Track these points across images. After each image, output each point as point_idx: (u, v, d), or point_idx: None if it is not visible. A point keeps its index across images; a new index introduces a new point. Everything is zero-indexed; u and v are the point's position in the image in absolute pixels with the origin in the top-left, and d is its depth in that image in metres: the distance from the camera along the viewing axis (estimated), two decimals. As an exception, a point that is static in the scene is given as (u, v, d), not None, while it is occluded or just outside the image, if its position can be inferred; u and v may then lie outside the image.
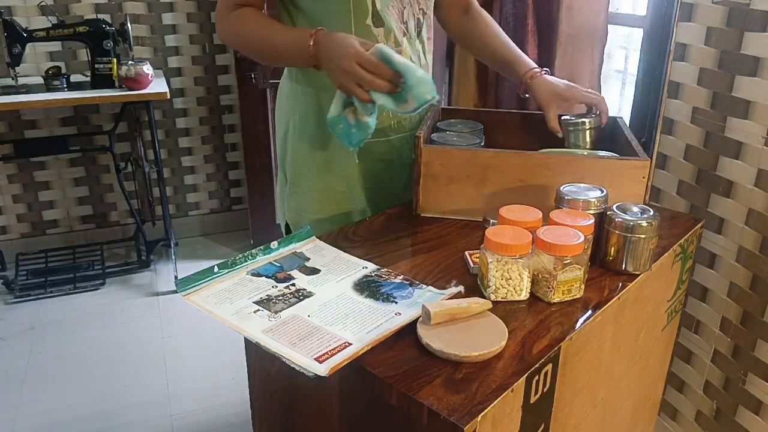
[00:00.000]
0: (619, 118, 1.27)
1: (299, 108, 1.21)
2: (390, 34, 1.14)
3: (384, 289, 0.87)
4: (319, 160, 1.21)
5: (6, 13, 2.39)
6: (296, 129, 1.22)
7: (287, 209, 1.30)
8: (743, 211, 1.39)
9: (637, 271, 0.93)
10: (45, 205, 2.87)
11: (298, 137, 1.22)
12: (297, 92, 1.21)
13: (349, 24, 1.11)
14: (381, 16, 1.12)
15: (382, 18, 1.12)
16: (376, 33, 1.13)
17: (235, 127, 3.05)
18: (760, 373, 1.40)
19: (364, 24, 1.11)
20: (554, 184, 1.06)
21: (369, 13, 1.11)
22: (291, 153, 1.25)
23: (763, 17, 1.29)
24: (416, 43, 1.20)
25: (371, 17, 1.11)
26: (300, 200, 1.26)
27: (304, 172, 1.24)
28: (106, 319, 2.46)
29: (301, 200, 1.26)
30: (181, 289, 0.86)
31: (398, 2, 1.14)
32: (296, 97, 1.22)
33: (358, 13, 1.10)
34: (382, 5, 1.12)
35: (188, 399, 2.04)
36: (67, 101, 2.38)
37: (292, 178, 1.26)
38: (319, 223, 1.22)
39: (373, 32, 1.13)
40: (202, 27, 2.85)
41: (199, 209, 3.15)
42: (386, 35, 1.14)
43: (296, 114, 1.22)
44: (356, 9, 1.10)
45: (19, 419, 1.94)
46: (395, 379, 0.70)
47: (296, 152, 1.24)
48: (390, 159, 1.25)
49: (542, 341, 0.77)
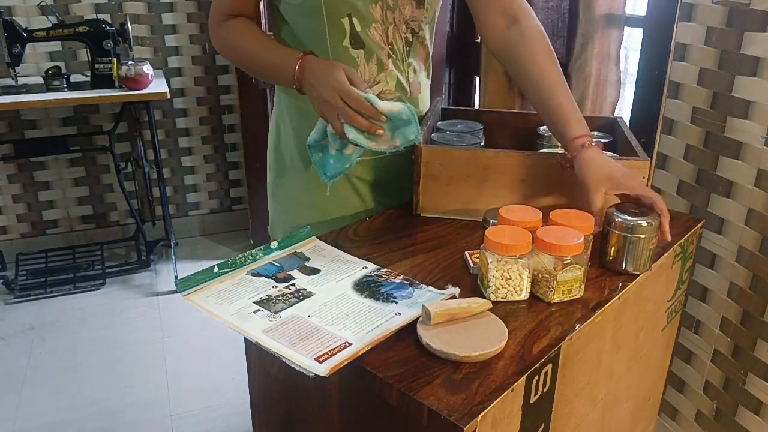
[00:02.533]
0: (619, 118, 1.27)
1: (285, 118, 1.20)
2: (372, 56, 1.08)
3: (384, 289, 0.87)
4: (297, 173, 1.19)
5: (6, 13, 2.39)
6: (281, 140, 1.21)
7: (270, 207, 1.29)
8: (743, 211, 1.39)
9: (637, 271, 0.93)
10: (45, 205, 2.87)
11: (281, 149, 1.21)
12: (285, 102, 1.19)
13: (325, 44, 1.07)
14: (360, 38, 1.07)
15: (362, 40, 1.07)
16: (355, 55, 1.08)
17: (235, 127, 3.05)
18: (760, 373, 1.40)
19: (341, 45, 1.07)
20: (554, 184, 1.06)
21: (347, 34, 1.06)
22: (275, 162, 1.23)
23: (763, 17, 1.29)
24: (404, 65, 1.13)
25: (349, 39, 1.06)
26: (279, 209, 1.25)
27: (284, 183, 1.22)
28: (106, 319, 2.46)
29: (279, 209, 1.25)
30: (181, 289, 0.86)
31: (381, 24, 1.07)
32: (284, 107, 1.20)
33: (333, 34, 1.06)
34: (362, 27, 1.06)
35: (188, 399, 2.04)
36: (67, 101, 2.38)
37: (273, 187, 1.26)
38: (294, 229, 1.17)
39: (352, 54, 1.07)
40: (202, 27, 2.85)
41: (199, 209, 3.16)
42: (367, 57, 1.08)
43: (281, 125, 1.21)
44: (331, 30, 1.05)
45: (19, 419, 1.94)
46: (395, 379, 0.70)
47: (278, 163, 1.22)
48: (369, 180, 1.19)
49: (542, 341, 0.77)
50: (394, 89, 1.13)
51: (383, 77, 1.11)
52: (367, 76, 1.10)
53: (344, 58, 1.07)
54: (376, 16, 1.06)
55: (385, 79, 1.11)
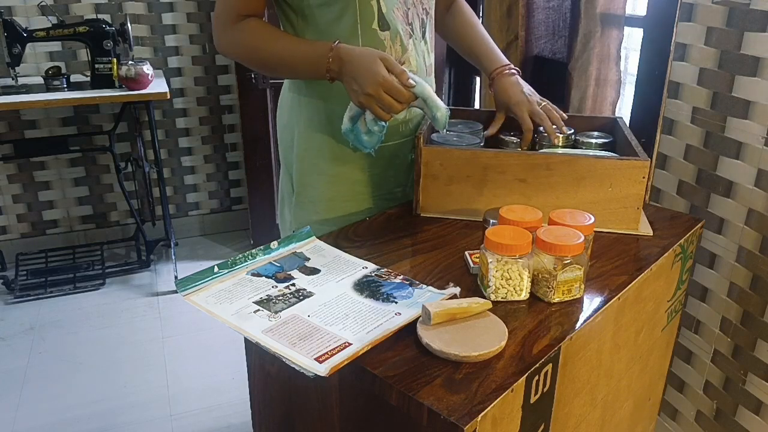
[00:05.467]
0: (619, 118, 1.27)
1: (303, 119, 1.19)
2: (396, 37, 1.12)
3: (384, 289, 0.87)
4: (327, 170, 1.20)
5: (6, 13, 2.39)
6: (302, 140, 1.20)
7: (293, 218, 1.27)
8: (743, 211, 1.39)
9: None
10: (45, 205, 2.87)
11: (303, 148, 1.20)
12: (301, 103, 1.19)
13: (356, 29, 1.09)
14: (387, 20, 1.10)
15: (387, 21, 1.10)
16: (382, 37, 1.11)
17: (235, 127, 3.05)
18: (760, 373, 1.40)
19: (370, 28, 1.09)
20: (554, 184, 1.06)
21: (375, 17, 1.09)
22: (298, 163, 1.22)
23: (763, 17, 1.29)
24: (421, 45, 1.18)
25: (377, 21, 1.09)
26: (307, 209, 1.24)
27: (312, 182, 1.21)
28: (106, 319, 2.46)
29: (308, 210, 1.24)
30: (181, 289, 0.86)
31: (402, 4, 1.12)
32: (300, 108, 1.20)
33: (364, 17, 1.08)
34: (388, 8, 1.10)
35: (188, 399, 2.04)
36: (67, 101, 2.38)
37: (298, 188, 1.24)
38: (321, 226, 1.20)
39: (379, 36, 1.11)
40: (202, 27, 2.85)
41: (199, 209, 3.16)
42: (392, 38, 1.12)
43: (300, 125, 1.20)
44: (362, 13, 1.08)
45: (19, 419, 1.94)
46: (395, 379, 0.70)
47: (302, 163, 1.22)
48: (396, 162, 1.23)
49: (542, 341, 0.77)
50: (416, 69, 1.17)
51: (406, 58, 1.15)
52: (394, 57, 1.11)
53: (374, 41, 1.10)
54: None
55: (408, 60, 1.15)
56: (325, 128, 1.17)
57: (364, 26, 1.09)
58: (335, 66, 1.02)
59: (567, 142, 1.23)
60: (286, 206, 1.31)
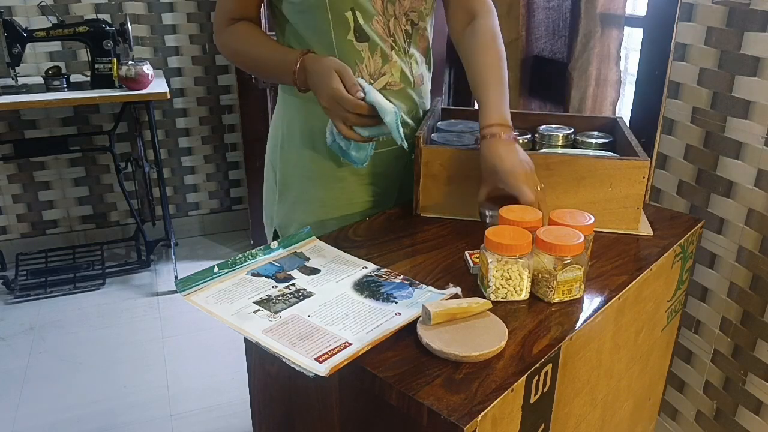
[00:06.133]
0: (619, 118, 1.27)
1: (287, 118, 1.20)
2: (376, 48, 1.10)
3: (384, 289, 0.87)
4: (306, 171, 1.20)
5: (6, 13, 2.39)
6: (285, 139, 1.21)
7: (275, 214, 1.29)
8: (743, 211, 1.39)
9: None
10: (45, 205, 2.87)
11: (286, 148, 1.21)
12: (286, 102, 1.20)
13: (330, 39, 1.08)
14: (364, 31, 1.09)
15: (365, 33, 1.09)
16: (359, 48, 1.09)
17: (235, 127, 3.05)
18: (760, 373, 1.40)
19: (345, 39, 1.08)
20: (554, 184, 1.06)
21: (351, 28, 1.08)
22: (281, 162, 1.23)
23: (763, 17, 1.29)
24: (406, 56, 1.15)
25: (353, 32, 1.08)
26: (288, 209, 1.25)
27: (293, 182, 1.22)
28: (106, 319, 2.46)
29: (289, 209, 1.24)
30: (181, 289, 0.86)
31: (382, 16, 1.09)
32: (285, 107, 1.21)
33: (338, 28, 1.08)
34: (365, 20, 1.08)
35: (188, 399, 2.04)
36: (67, 101, 2.38)
37: (280, 187, 1.25)
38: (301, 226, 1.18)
39: (356, 47, 1.09)
40: (202, 27, 2.85)
41: (199, 209, 3.16)
42: (371, 49, 1.10)
43: (284, 124, 1.21)
44: (336, 25, 1.07)
45: (19, 419, 1.94)
46: (395, 379, 0.70)
47: (285, 162, 1.22)
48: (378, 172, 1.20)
49: (542, 341, 0.77)
50: (399, 81, 1.15)
51: (388, 69, 1.13)
52: (372, 68, 1.11)
53: (350, 51, 1.09)
54: (377, 9, 1.08)
55: (390, 71, 1.13)
56: (304, 129, 1.17)
57: (339, 37, 1.08)
58: (301, 76, 1.04)
59: (567, 141, 1.23)
60: (268, 202, 1.32)
